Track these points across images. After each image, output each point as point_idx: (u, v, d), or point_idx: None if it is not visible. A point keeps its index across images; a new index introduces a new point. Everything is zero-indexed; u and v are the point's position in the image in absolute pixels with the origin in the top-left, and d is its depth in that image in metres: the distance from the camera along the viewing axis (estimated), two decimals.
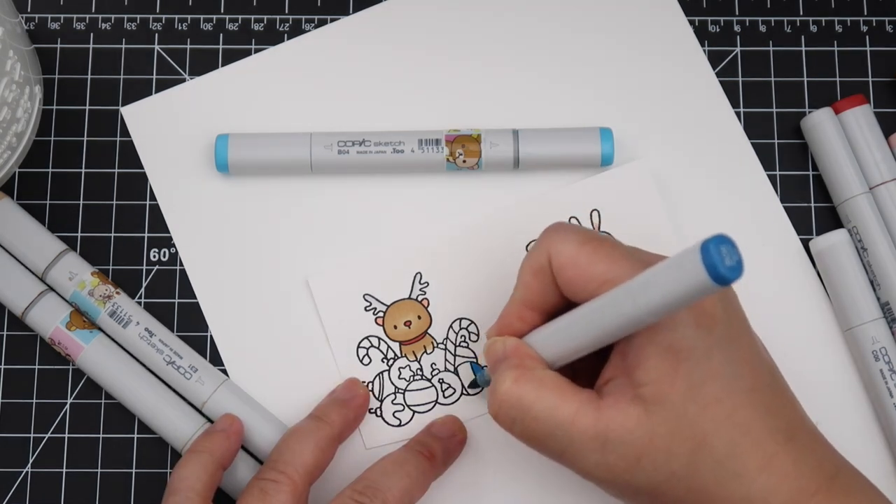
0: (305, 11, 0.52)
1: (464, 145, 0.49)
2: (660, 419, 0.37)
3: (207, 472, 0.43)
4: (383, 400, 0.48)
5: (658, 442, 0.37)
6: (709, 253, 0.31)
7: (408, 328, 0.48)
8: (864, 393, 0.48)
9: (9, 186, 0.50)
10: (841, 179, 0.49)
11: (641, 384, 0.37)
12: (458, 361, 0.48)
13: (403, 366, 0.48)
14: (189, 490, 0.42)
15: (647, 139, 0.50)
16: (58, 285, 0.48)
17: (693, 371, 0.37)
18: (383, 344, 0.48)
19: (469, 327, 0.48)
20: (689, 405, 0.37)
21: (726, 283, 0.32)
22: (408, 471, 0.43)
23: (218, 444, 0.44)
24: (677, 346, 0.37)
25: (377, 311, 0.48)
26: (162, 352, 0.47)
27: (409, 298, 0.49)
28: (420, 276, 0.49)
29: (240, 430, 0.46)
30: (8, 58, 0.45)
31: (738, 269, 0.32)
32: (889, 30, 0.52)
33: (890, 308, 0.47)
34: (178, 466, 0.43)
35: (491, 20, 0.52)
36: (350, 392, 0.47)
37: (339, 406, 0.46)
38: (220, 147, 0.49)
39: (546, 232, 0.41)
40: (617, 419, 0.37)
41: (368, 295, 0.49)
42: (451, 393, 0.48)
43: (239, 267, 0.49)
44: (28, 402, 0.48)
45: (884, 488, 0.48)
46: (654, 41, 0.51)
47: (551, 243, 0.40)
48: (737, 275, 0.32)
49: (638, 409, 0.37)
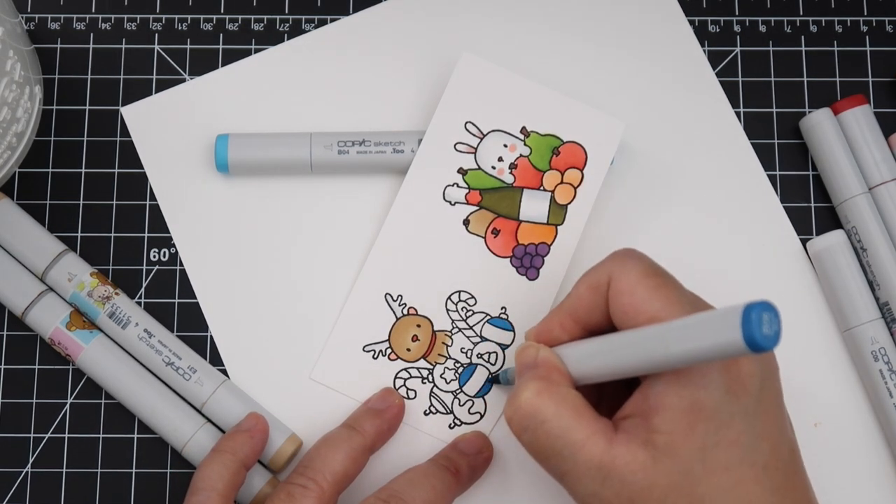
0: (305, 11, 0.52)
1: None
2: (664, 470, 0.36)
3: (230, 471, 0.43)
4: (451, 412, 0.48)
5: (656, 492, 0.36)
6: (749, 318, 0.32)
7: (417, 342, 0.48)
8: (864, 393, 0.48)
9: (9, 186, 0.50)
10: (840, 180, 0.49)
11: (656, 430, 0.37)
12: (482, 330, 0.48)
13: (441, 372, 0.48)
14: (211, 490, 0.42)
15: (646, 139, 0.50)
16: (57, 286, 0.48)
17: (710, 433, 0.36)
18: (412, 370, 0.48)
19: (461, 299, 0.48)
20: (696, 465, 0.36)
21: (760, 350, 0.32)
22: (433, 484, 0.43)
23: (241, 444, 0.44)
24: (700, 403, 0.36)
25: (384, 351, 0.48)
26: (161, 353, 0.47)
27: (398, 319, 0.48)
28: (390, 296, 0.48)
29: (264, 429, 0.46)
30: (8, 58, 0.45)
31: (774, 338, 0.32)
32: (889, 30, 0.52)
33: (889, 308, 0.47)
34: (201, 466, 0.44)
35: (490, 20, 0.52)
36: (385, 402, 0.47)
37: (373, 416, 0.46)
38: (220, 147, 0.49)
39: (615, 254, 0.41)
40: (624, 457, 0.37)
41: (367, 346, 0.48)
42: (496, 358, 0.48)
43: (239, 267, 0.49)
44: (28, 402, 0.48)
45: (884, 488, 0.48)
46: (654, 41, 0.52)
47: (615, 266, 0.40)
48: (772, 344, 0.32)
49: (646, 454, 0.37)
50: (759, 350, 0.32)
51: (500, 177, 0.48)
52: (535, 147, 0.48)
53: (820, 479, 0.47)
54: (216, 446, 0.45)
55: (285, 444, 0.46)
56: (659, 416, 0.37)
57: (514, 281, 0.48)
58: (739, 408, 0.37)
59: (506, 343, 0.48)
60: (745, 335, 0.32)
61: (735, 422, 0.36)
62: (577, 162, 0.48)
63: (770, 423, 0.38)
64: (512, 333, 0.48)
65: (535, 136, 0.48)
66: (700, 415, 0.36)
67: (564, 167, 0.48)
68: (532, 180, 0.48)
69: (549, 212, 0.48)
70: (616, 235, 0.49)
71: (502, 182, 0.48)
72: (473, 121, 0.49)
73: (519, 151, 0.48)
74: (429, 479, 0.43)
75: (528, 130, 0.49)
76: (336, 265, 0.49)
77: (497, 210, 0.48)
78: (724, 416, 0.36)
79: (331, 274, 0.49)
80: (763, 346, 0.32)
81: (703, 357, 0.34)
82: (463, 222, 0.48)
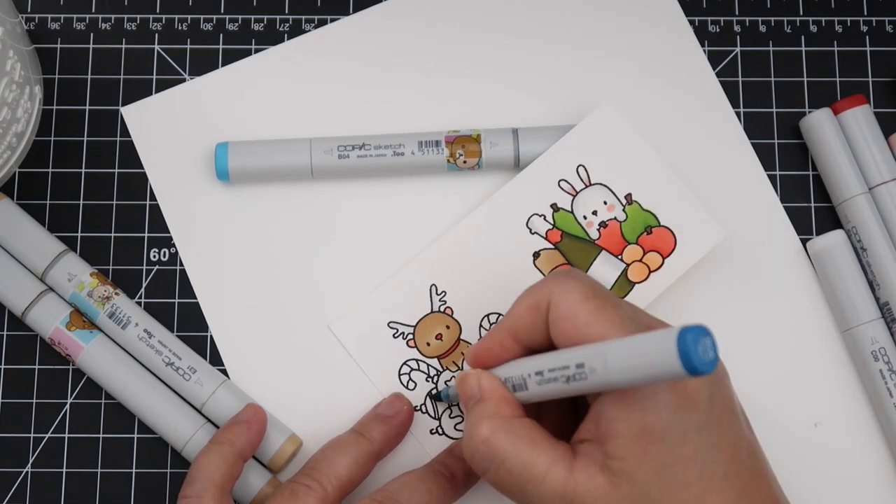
0: (305, 11, 0.52)
1: (464, 146, 0.49)
2: (624, 494, 0.36)
3: (227, 462, 0.43)
4: (441, 417, 0.48)
5: None
6: (685, 343, 0.31)
7: (440, 341, 0.48)
8: (864, 393, 0.48)
9: (9, 186, 0.50)
10: (840, 179, 0.49)
11: (611, 456, 0.37)
12: None
13: (448, 378, 0.48)
14: (206, 480, 0.42)
15: (646, 138, 0.50)
16: (57, 286, 0.48)
17: (664, 453, 0.36)
18: (423, 364, 0.48)
19: (497, 322, 0.48)
20: (654, 486, 0.36)
21: (698, 374, 0.31)
22: (429, 487, 0.43)
23: (238, 436, 0.44)
24: (650, 427, 0.36)
25: (405, 334, 0.48)
26: (161, 353, 0.47)
27: (432, 312, 0.48)
28: (435, 288, 0.49)
29: (262, 421, 0.46)
30: (8, 58, 0.45)
31: (712, 364, 0.32)
32: (889, 30, 0.52)
33: (889, 308, 0.47)
34: (198, 457, 0.44)
35: (490, 20, 0.52)
36: (393, 408, 0.47)
37: (380, 422, 0.46)
38: (219, 156, 0.48)
39: (553, 276, 0.40)
40: (584, 484, 0.37)
41: (392, 322, 0.48)
42: None
43: (239, 267, 0.49)
44: (28, 402, 0.48)
45: (884, 488, 0.48)
46: (655, 41, 0.51)
47: (554, 289, 0.39)
48: (710, 369, 0.32)
49: (605, 479, 0.37)
50: (698, 374, 0.31)
51: (588, 229, 0.48)
52: (631, 216, 0.48)
53: (820, 480, 0.48)
54: (213, 437, 0.45)
55: (285, 444, 0.46)
56: (611, 442, 0.37)
57: None
58: (691, 424, 0.36)
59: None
60: (683, 360, 0.31)
61: (688, 438, 0.36)
62: (663, 248, 0.48)
63: (725, 431, 0.37)
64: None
65: (637, 206, 0.48)
66: (652, 437, 0.36)
67: (650, 248, 0.48)
68: (615, 245, 0.48)
69: (616, 282, 0.48)
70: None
71: (587, 235, 0.48)
72: (586, 166, 0.48)
73: (615, 214, 0.48)
74: (424, 483, 0.43)
75: (632, 199, 0.48)
76: (337, 265, 0.49)
77: (569, 257, 0.48)
78: (677, 434, 0.36)
79: (332, 274, 0.49)
80: (701, 370, 0.31)
81: (643, 379, 0.34)
82: (533, 254, 0.48)
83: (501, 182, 0.50)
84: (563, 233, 0.48)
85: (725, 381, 0.39)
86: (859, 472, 0.48)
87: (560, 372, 0.37)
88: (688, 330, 0.32)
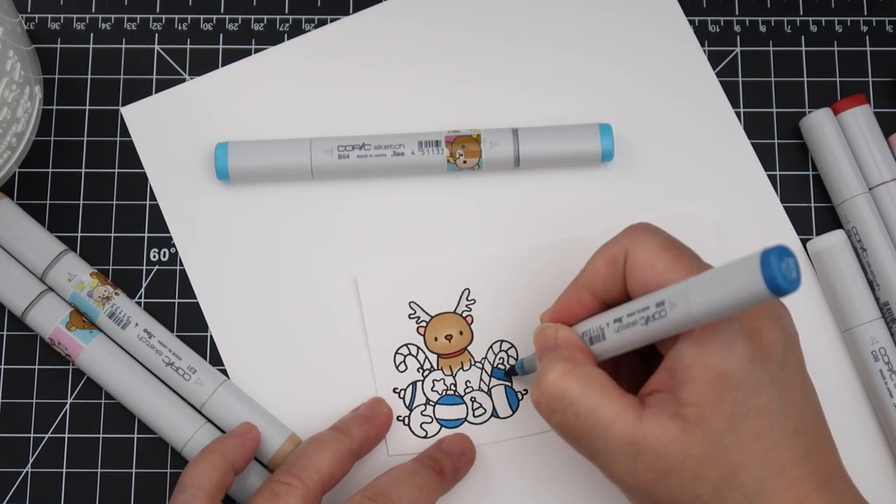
0: (305, 11, 0.52)
1: (464, 146, 0.49)
2: (696, 441, 0.36)
3: (218, 472, 0.43)
4: (413, 410, 0.48)
5: (689, 463, 0.37)
6: (768, 262, 0.31)
7: (448, 342, 0.48)
8: (864, 393, 0.48)
9: (9, 186, 0.50)
10: (840, 180, 0.49)
11: (685, 404, 0.37)
12: (492, 383, 0.48)
13: (438, 378, 0.48)
14: (198, 489, 0.42)
15: (646, 139, 0.50)
16: (57, 286, 0.48)
17: (738, 401, 0.36)
18: (421, 354, 0.48)
19: (509, 350, 0.48)
20: (727, 435, 0.36)
21: (782, 293, 0.31)
22: (418, 482, 0.43)
23: (231, 448, 0.44)
24: (727, 374, 0.36)
25: (420, 320, 0.48)
26: (161, 353, 0.47)
27: (453, 312, 0.48)
28: (468, 293, 0.49)
29: (256, 438, 0.46)
30: (8, 58, 0.45)
31: (796, 282, 0.32)
32: (889, 30, 0.52)
33: (890, 308, 0.47)
34: (190, 465, 0.44)
35: (490, 20, 0.52)
36: (373, 411, 0.47)
37: (361, 422, 0.46)
38: (219, 156, 0.48)
39: (629, 229, 0.41)
40: (654, 431, 0.37)
41: (414, 303, 0.48)
42: (482, 413, 0.48)
43: (239, 267, 0.49)
44: (28, 402, 0.48)
45: (884, 488, 0.48)
46: (654, 41, 0.51)
47: (632, 241, 0.40)
48: (794, 287, 0.32)
49: (676, 426, 0.37)
50: (782, 293, 0.31)
51: None
52: None
53: None
54: (206, 447, 0.45)
55: (285, 444, 0.46)
56: (686, 389, 0.37)
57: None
58: (766, 375, 0.37)
59: (501, 413, 0.48)
60: (766, 278, 0.31)
61: (762, 389, 0.37)
62: None
63: (795, 389, 0.38)
64: (511, 412, 0.48)
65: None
66: (728, 384, 0.36)
67: None
68: None
69: None
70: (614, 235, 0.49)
71: None
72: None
73: None
74: (414, 478, 0.43)
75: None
76: (337, 265, 0.49)
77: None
78: (752, 384, 0.37)
79: (332, 274, 0.49)
80: (785, 289, 0.31)
81: (726, 308, 0.34)
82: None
83: (502, 182, 0.50)
84: None
85: (798, 343, 0.39)
86: (859, 472, 0.48)
87: (640, 314, 0.37)
88: (770, 251, 0.32)
